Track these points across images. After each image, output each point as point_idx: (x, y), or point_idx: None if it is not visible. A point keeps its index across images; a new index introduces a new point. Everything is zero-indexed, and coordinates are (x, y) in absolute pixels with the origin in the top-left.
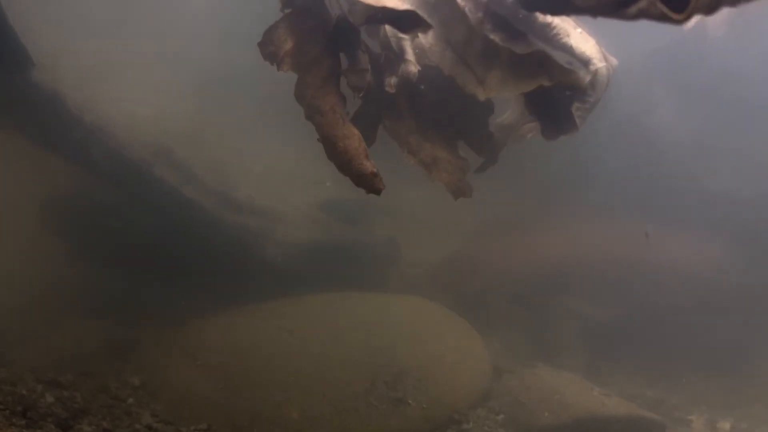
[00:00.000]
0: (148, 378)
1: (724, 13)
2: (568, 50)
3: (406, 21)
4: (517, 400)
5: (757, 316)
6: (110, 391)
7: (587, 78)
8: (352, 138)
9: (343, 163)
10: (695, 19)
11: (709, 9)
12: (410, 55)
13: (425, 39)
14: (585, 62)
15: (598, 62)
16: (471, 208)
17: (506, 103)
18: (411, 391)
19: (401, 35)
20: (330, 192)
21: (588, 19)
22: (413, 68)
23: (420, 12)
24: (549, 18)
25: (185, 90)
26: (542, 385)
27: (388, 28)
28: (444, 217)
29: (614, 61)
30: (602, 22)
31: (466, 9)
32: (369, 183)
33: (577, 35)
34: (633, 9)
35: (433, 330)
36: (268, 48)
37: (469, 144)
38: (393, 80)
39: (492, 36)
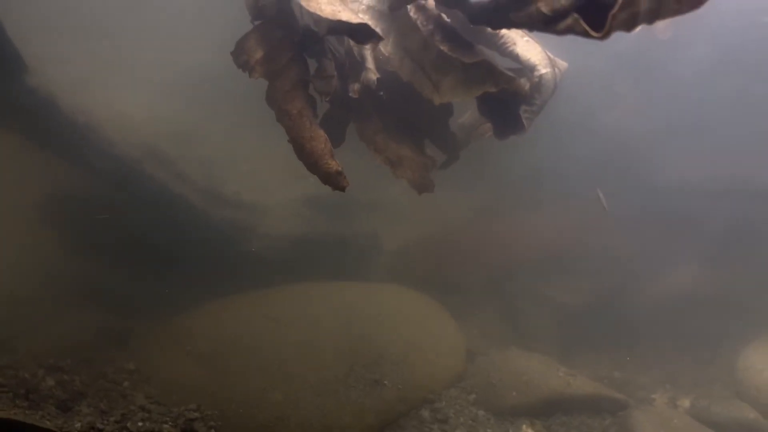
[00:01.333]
0: (141, 364)
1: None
2: (515, 57)
3: (360, 33)
4: (488, 381)
5: (719, 304)
6: (107, 375)
7: (527, 85)
8: (318, 140)
9: (311, 162)
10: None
11: (628, 27)
12: (370, 63)
13: (385, 48)
14: (530, 68)
15: (543, 68)
16: (450, 200)
17: (467, 105)
18: (388, 374)
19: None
20: (314, 188)
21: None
22: (373, 76)
23: (377, 23)
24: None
25: (172, 91)
26: (512, 366)
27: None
28: (423, 210)
29: (563, 64)
30: None
31: (418, 21)
32: (334, 181)
33: (524, 43)
34: (561, 25)
35: (411, 316)
36: (240, 57)
37: (433, 143)
38: (356, 86)
39: (441, 47)
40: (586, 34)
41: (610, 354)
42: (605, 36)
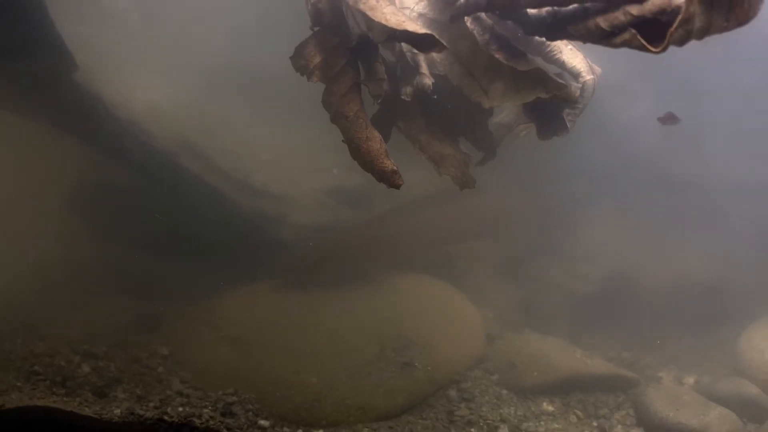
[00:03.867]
0: (175, 349)
1: None
2: (561, 65)
3: (423, 42)
4: (509, 361)
5: (720, 290)
6: (141, 360)
7: (578, 92)
8: (374, 140)
9: (366, 162)
10: None
11: (681, 42)
12: (425, 68)
13: (437, 54)
14: (575, 75)
15: (586, 75)
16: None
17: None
18: (417, 357)
19: (416, 50)
20: (336, 179)
21: None
22: (428, 81)
23: (435, 34)
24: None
25: (191, 83)
26: (531, 348)
27: (403, 44)
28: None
29: (598, 70)
30: None
31: (474, 31)
32: (389, 179)
33: (568, 51)
34: (618, 39)
35: (433, 301)
36: (299, 62)
37: (469, 141)
38: (408, 90)
39: (497, 55)
40: (642, 49)
41: (617, 336)
42: (662, 51)
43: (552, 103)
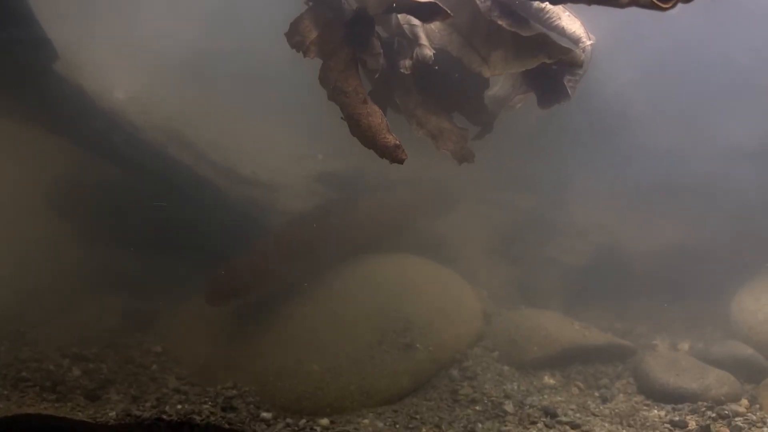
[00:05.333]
0: (169, 345)
1: None
2: (560, 31)
3: (426, 11)
4: (508, 338)
5: (707, 257)
6: (134, 360)
7: (582, 55)
8: (375, 115)
9: (367, 138)
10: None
11: None
12: (424, 39)
13: (433, 24)
14: (575, 41)
15: (586, 40)
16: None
17: (497, 77)
18: (418, 338)
19: (414, 23)
20: (322, 164)
21: None
22: (428, 52)
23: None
24: (543, 3)
25: (170, 74)
26: (530, 323)
27: (400, 16)
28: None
29: (594, 38)
30: None
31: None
32: (392, 154)
33: (567, 17)
34: None
35: (430, 282)
36: (294, 38)
37: (465, 115)
38: (408, 62)
39: (499, 21)
40: (651, 7)
41: (609, 307)
42: (671, 7)
43: (552, 71)
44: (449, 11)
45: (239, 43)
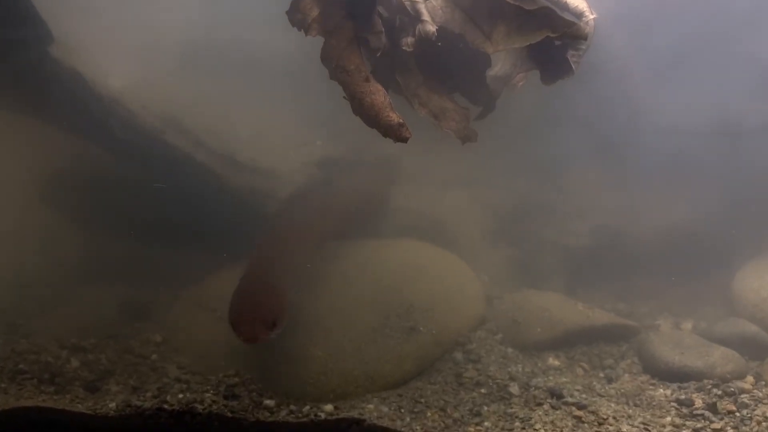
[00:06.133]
0: (169, 334)
1: None
2: (562, 6)
3: None
4: (512, 320)
5: (707, 235)
6: (133, 350)
7: (587, 28)
8: (378, 93)
9: (370, 117)
10: None
11: None
12: (426, 16)
13: (435, 1)
14: (578, 15)
15: (590, 14)
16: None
17: (497, 56)
18: (421, 321)
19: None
20: (322, 150)
21: None
22: (431, 27)
23: None
24: None
25: (168, 61)
26: (533, 305)
27: None
28: (425, 169)
29: (596, 14)
30: None
31: None
32: (396, 132)
33: None
34: None
35: (431, 266)
36: (295, 15)
37: (466, 96)
38: (410, 40)
39: None
40: None
41: (611, 288)
42: None
43: (555, 46)
44: None
45: (237, 31)
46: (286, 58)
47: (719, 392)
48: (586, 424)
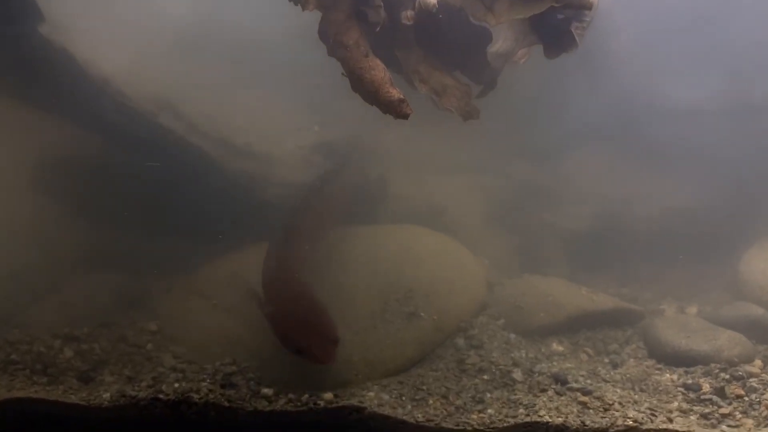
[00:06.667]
0: (164, 323)
1: None
2: None
3: None
4: (514, 305)
5: (708, 218)
6: (128, 339)
7: None
8: (377, 69)
9: (370, 93)
10: None
11: None
12: None
13: None
14: None
15: None
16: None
17: (497, 33)
18: (421, 306)
19: None
20: (319, 136)
21: None
22: (432, 0)
23: None
24: None
25: (163, 47)
26: (536, 290)
27: None
28: (422, 155)
29: None
30: None
31: None
32: (397, 109)
33: None
34: None
35: (432, 251)
36: None
37: (467, 74)
38: (410, 13)
39: None
40: None
41: (614, 273)
42: None
43: (558, 18)
44: None
45: (234, 16)
46: (283, 43)
47: (727, 376)
48: (591, 410)
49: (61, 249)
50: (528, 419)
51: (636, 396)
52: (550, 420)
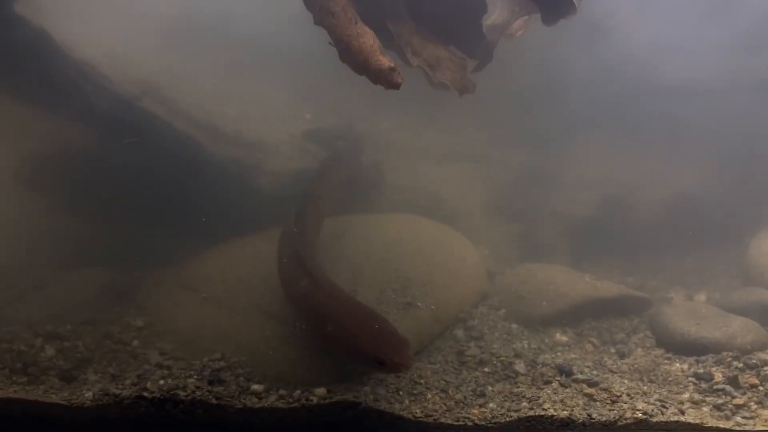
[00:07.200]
0: (152, 319)
1: None
2: None
3: None
4: (515, 294)
5: (714, 204)
6: (113, 336)
7: None
8: (366, 36)
9: (359, 62)
10: None
11: None
12: None
13: None
14: None
15: None
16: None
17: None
18: (418, 296)
19: None
20: (311, 123)
21: None
22: None
23: None
24: None
25: (151, 35)
26: (537, 278)
27: None
28: (416, 143)
29: None
30: None
31: None
32: (387, 77)
33: None
34: None
35: (429, 240)
36: None
37: (462, 48)
38: None
39: None
40: None
41: (618, 262)
42: None
43: None
44: None
45: (225, 4)
46: (275, 33)
47: (740, 365)
48: (598, 402)
49: (48, 243)
50: (532, 413)
51: (645, 387)
52: (555, 413)
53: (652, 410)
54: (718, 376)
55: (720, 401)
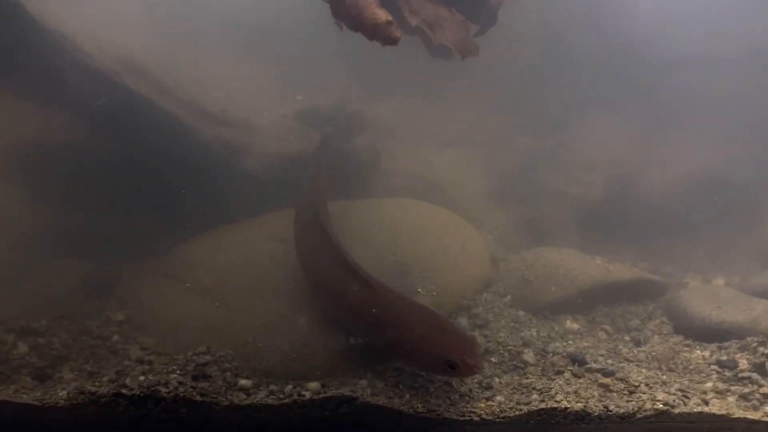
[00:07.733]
0: (133, 312)
1: None
2: None
3: None
4: (522, 278)
5: (726, 184)
6: (91, 331)
7: None
8: None
9: (354, 16)
10: None
11: None
12: None
13: None
14: None
15: None
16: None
17: None
18: (419, 282)
19: None
20: (302, 104)
21: None
22: None
23: None
24: None
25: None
26: (545, 262)
27: None
28: (413, 127)
29: None
30: None
31: None
32: (384, 32)
33: None
34: None
35: (430, 225)
36: None
37: (463, 13)
38: None
39: None
40: None
41: (630, 246)
42: None
43: None
44: None
45: None
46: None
47: (767, 351)
48: (614, 393)
49: (24, 235)
50: (543, 405)
51: (664, 376)
52: (569, 405)
53: (674, 401)
54: (743, 364)
55: (746, 390)
